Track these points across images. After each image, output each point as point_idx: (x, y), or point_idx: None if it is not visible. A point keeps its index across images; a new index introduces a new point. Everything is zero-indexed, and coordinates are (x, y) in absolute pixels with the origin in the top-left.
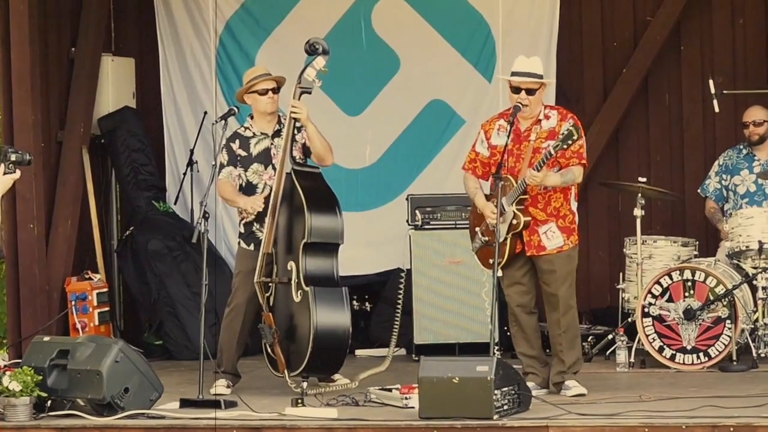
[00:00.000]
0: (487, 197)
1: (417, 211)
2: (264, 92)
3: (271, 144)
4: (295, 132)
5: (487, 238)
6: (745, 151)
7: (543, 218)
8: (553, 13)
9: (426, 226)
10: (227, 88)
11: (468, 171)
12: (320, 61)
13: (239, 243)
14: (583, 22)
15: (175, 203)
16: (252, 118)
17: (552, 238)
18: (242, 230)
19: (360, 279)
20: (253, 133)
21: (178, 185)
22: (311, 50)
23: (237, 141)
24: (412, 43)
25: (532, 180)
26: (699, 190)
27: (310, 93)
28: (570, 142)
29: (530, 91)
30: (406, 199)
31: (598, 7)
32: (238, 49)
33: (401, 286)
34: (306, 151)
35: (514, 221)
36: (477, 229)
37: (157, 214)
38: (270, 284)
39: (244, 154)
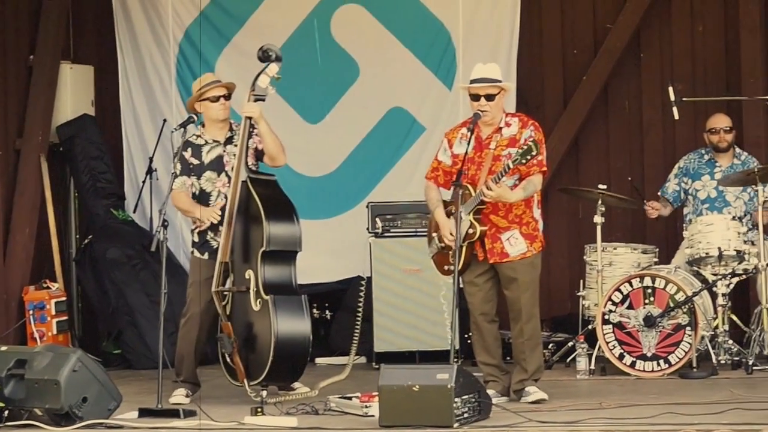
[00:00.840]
0: (447, 204)
1: (377, 219)
2: (215, 99)
3: (224, 151)
4: (252, 129)
5: (443, 245)
6: (707, 157)
7: (505, 225)
8: (514, 21)
9: (386, 234)
10: (187, 96)
11: (431, 180)
12: (273, 68)
13: (192, 252)
14: (543, 30)
15: (134, 211)
16: (203, 126)
17: (515, 245)
18: (196, 239)
19: (320, 287)
20: (205, 140)
21: (137, 193)
22: (264, 57)
23: (189, 149)
24: (372, 50)
25: (487, 196)
26: (659, 192)
27: (263, 100)
28: (529, 157)
29: (489, 97)
30: (367, 206)
31: (558, 14)
32: (198, 56)
33: (361, 294)
34: (258, 155)
35: (470, 231)
36: (434, 234)
37: (116, 222)
38: (227, 293)
39: (196, 162)
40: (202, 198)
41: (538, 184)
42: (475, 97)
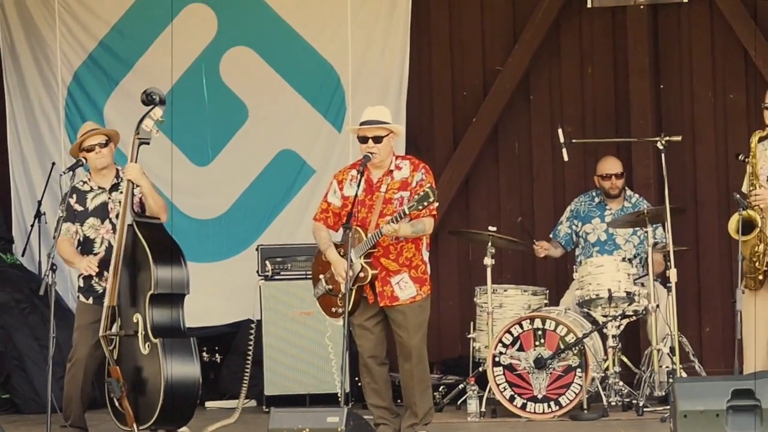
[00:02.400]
0: (337, 246)
1: (267, 262)
2: (90, 148)
3: (109, 198)
4: (134, 186)
5: (331, 287)
6: (597, 199)
7: (395, 269)
8: (403, 63)
9: (276, 277)
10: (75, 139)
11: (320, 221)
12: (157, 111)
13: (78, 297)
14: (432, 72)
15: (23, 255)
16: (89, 173)
17: (405, 289)
18: (81, 284)
19: (210, 330)
20: (91, 187)
21: (26, 237)
22: (148, 100)
23: (74, 196)
24: (261, 92)
25: (388, 231)
26: (551, 235)
27: (148, 143)
28: (426, 203)
29: (377, 139)
30: (256, 249)
31: (447, 56)
32: (87, 99)
33: (251, 336)
34: (143, 206)
35: (362, 274)
36: (321, 276)
37: (3, 266)
38: (114, 337)
39: (80, 208)
40: (86, 245)
41: (429, 227)
42: (363, 140)
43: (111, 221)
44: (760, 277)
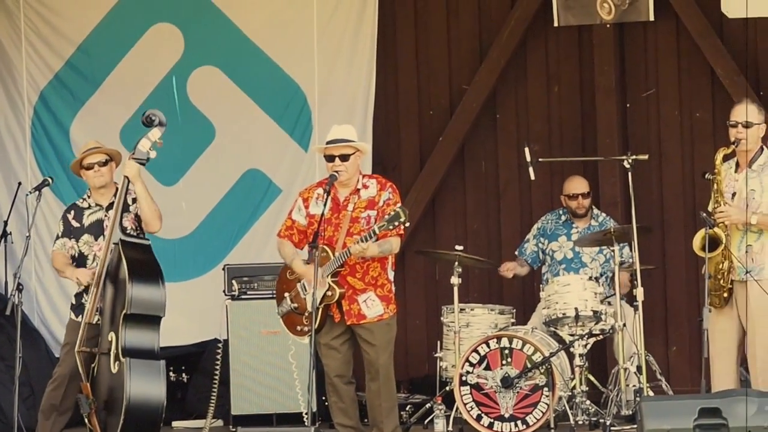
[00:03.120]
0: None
1: (234, 281)
2: (90, 166)
3: (105, 216)
4: (129, 202)
5: (296, 305)
6: (564, 218)
7: (361, 287)
8: (369, 82)
9: (243, 296)
10: (42, 159)
11: (284, 238)
12: (156, 133)
13: (70, 314)
14: (399, 90)
15: None
16: (89, 190)
17: (372, 307)
18: (74, 301)
19: (177, 349)
20: (89, 204)
21: None
22: (147, 122)
23: (73, 212)
24: (228, 112)
25: (356, 251)
26: (516, 252)
27: (144, 164)
28: (396, 223)
29: (344, 157)
30: (223, 269)
31: (414, 75)
32: (53, 119)
33: (218, 356)
34: (139, 220)
35: (329, 293)
36: (286, 294)
37: None
38: (90, 354)
39: (77, 225)
40: (80, 261)
41: (396, 247)
42: (330, 158)
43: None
44: (725, 295)
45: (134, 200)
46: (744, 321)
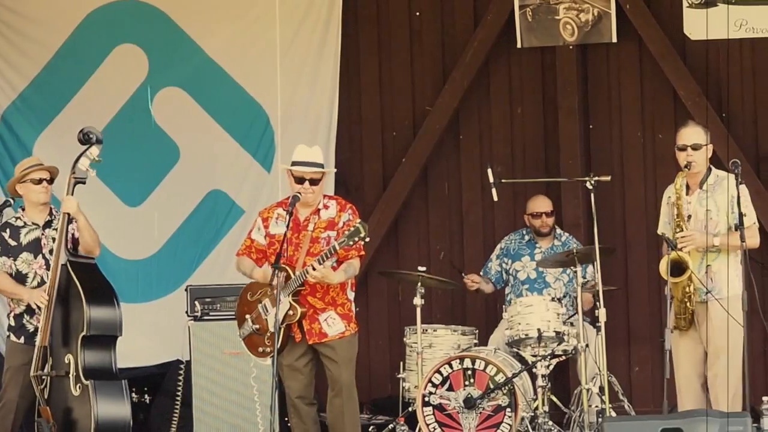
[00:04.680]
0: (263, 285)
1: (196, 302)
2: (38, 181)
3: (42, 234)
4: (70, 220)
5: (257, 326)
6: (527, 237)
7: (322, 306)
8: (333, 103)
9: (205, 317)
10: (4, 179)
11: (243, 256)
12: (94, 151)
13: (9, 336)
14: (362, 111)
15: None
16: (23, 209)
17: (333, 325)
18: (12, 323)
19: (139, 371)
20: (24, 222)
21: None
22: (85, 140)
23: (8, 230)
24: (192, 133)
25: (312, 276)
26: (481, 272)
27: (84, 183)
28: (357, 239)
29: (314, 182)
30: (186, 290)
31: (377, 96)
32: (16, 140)
33: (180, 377)
34: (75, 242)
35: (290, 312)
36: (247, 316)
37: None
38: (45, 378)
39: (13, 243)
40: (18, 279)
41: (357, 268)
42: (300, 180)
43: (44, 257)
44: (690, 317)
45: (70, 221)
46: (705, 342)
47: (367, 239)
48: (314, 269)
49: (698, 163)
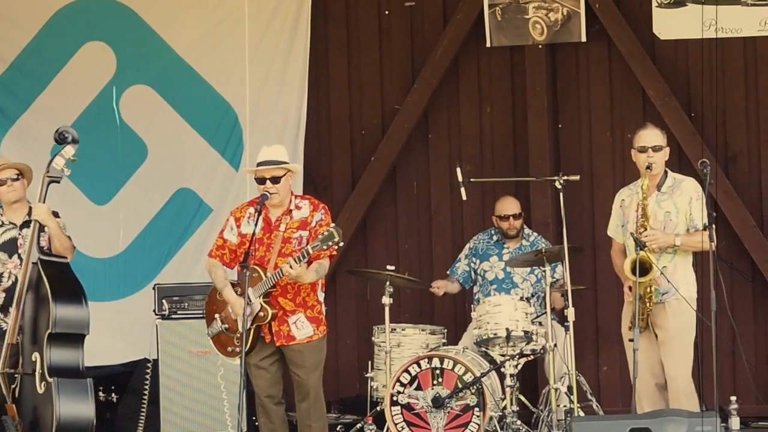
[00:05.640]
0: (233, 285)
1: (164, 301)
2: (3, 182)
3: (19, 234)
4: (41, 226)
5: (227, 326)
6: (495, 237)
7: (292, 308)
8: (301, 101)
9: (173, 316)
10: None
11: (215, 258)
12: (69, 150)
13: None
14: (331, 110)
15: None
16: (2, 208)
17: (302, 328)
18: None
19: (106, 369)
20: (2, 222)
21: None
22: (60, 139)
23: None
24: (160, 131)
25: (289, 274)
26: (448, 272)
27: (59, 182)
28: (330, 243)
29: (275, 179)
30: (153, 288)
31: (345, 95)
32: None
33: (148, 376)
34: (51, 243)
35: (261, 314)
36: (216, 315)
37: None
38: (15, 375)
39: None
40: None
41: (327, 268)
42: (261, 181)
43: (20, 256)
44: (647, 318)
45: (42, 228)
46: (661, 343)
47: (341, 244)
48: (291, 268)
49: (658, 164)
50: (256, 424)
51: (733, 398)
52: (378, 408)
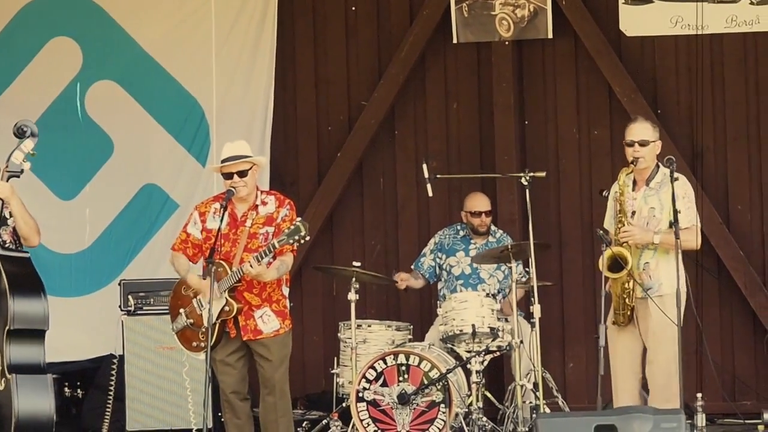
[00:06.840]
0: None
1: (130, 297)
2: None
3: None
4: (6, 215)
5: (192, 321)
6: (462, 233)
7: (258, 303)
8: (268, 97)
9: (139, 312)
10: None
11: (178, 251)
12: (29, 144)
13: None
14: (297, 106)
15: None
16: None
17: (268, 322)
18: None
19: (72, 365)
20: None
21: None
22: (19, 133)
23: None
24: (126, 126)
25: (248, 273)
26: (412, 266)
27: (18, 176)
28: (297, 237)
29: (242, 173)
30: (119, 284)
31: (312, 91)
32: None
33: (113, 372)
34: (18, 233)
35: (227, 308)
36: (181, 310)
37: None
38: None
39: None
40: None
41: (290, 264)
42: (228, 176)
43: None
44: (629, 313)
45: (11, 213)
46: (644, 339)
47: (308, 238)
48: (251, 267)
49: (645, 159)
50: (222, 420)
51: (699, 395)
52: (344, 404)
